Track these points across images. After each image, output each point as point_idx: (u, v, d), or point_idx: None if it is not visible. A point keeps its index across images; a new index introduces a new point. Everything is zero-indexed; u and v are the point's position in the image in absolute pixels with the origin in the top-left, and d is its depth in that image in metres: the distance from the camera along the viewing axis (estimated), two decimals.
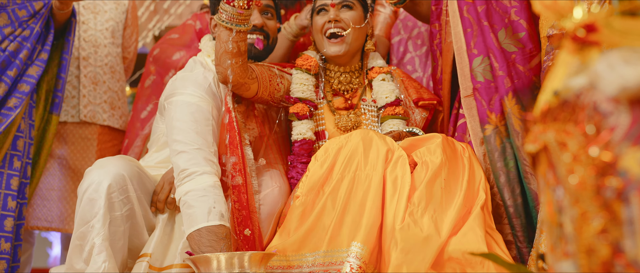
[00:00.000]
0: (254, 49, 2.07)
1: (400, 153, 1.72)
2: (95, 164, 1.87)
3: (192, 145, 1.83)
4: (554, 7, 0.80)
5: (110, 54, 2.86)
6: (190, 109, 1.90)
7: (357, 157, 1.70)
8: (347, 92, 2.15)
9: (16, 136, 2.27)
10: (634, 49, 0.72)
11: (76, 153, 2.76)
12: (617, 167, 0.69)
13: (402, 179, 1.66)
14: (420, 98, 2.13)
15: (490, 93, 1.85)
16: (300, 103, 2.06)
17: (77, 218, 1.81)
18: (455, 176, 1.70)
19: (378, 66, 2.18)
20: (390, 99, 2.09)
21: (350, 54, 2.12)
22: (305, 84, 2.09)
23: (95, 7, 2.86)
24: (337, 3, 2.08)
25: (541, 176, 0.80)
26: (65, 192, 2.72)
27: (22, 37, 2.24)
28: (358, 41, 2.10)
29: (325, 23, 2.07)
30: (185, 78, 1.99)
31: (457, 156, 1.76)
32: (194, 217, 1.73)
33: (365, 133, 1.76)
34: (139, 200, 1.88)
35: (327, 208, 1.67)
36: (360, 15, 2.10)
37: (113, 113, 2.84)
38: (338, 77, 2.14)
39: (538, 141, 0.79)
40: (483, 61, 1.87)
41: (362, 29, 2.10)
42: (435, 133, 1.85)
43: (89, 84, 2.77)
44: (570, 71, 0.77)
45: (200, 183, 1.77)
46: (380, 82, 2.14)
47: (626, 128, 0.69)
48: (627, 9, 0.80)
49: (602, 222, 0.70)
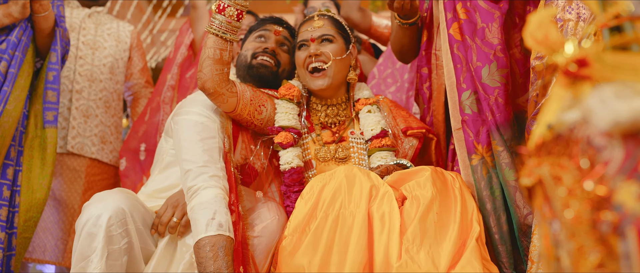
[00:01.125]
0: (261, 68, 2.14)
1: (386, 189, 1.70)
2: (94, 198, 1.87)
3: (198, 163, 1.87)
4: (546, 42, 0.81)
5: (106, 89, 2.88)
6: (197, 128, 1.94)
7: (341, 195, 1.68)
8: (334, 126, 2.14)
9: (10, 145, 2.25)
10: (626, 84, 0.73)
11: (63, 184, 2.75)
12: (612, 201, 0.69)
13: (390, 215, 1.64)
14: (408, 127, 2.13)
15: (477, 125, 1.90)
16: (284, 131, 2.05)
17: (76, 253, 1.80)
18: (448, 209, 1.69)
19: (364, 98, 2.17)
20: (376, 131, 2.08)
21: (335, 87, 2.12)
22: (290, 112, 2.08)
23: (95, 44, 2.89)
24: (317, 37, 2.09)
25: (537, 209, 0.80)
26: (51, 223, 2.71)
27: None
28: (341, 72, 2.11)
29: (307, 57, 2.08)
30: (194, 99, 2.05)
31: (448, 187, 1.75)
32: (196, 229, 1.76)
33: (349, 170, 1.74)
34: (138, 232, 1.87)
35: (312, 247, 1.65)
36: (341, 47, 2.10)
37: (103, 146, 2.85)
38: (325, 110, 2.15)
39: (533, 175, 0.79)
40: (471, 95, 1.93)
41: (344, 60, 2.10)
42: (423, 166, 1.83)
43: (80, 116, 2.78)
44: (563, 105, 0.78)
45: (204, 197, 1.80)
46: (366, 114, 2.13)
47: (620, 162, 0.69)
48: (618, 44, 0.81)
49: (598, 256, 0.70)
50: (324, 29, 2.10)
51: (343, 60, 2.09)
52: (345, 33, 2.16)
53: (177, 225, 1.93)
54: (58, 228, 2.69)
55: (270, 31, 2.24)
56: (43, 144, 2.38)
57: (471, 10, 1.98)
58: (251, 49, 2.21)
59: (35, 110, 2.40)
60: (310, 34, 2.10)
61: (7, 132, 2.22)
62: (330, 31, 2.10)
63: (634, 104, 0.70)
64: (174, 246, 1.95)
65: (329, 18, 2.16)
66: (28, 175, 2.32)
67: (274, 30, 2.23)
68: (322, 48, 2.07)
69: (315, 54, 2.06)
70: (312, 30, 2.10)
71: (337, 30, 2.13)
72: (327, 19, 2.15)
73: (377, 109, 2.15)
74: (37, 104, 2.40)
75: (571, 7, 1.74)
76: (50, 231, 2.69)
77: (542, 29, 0.80)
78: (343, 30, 2.16)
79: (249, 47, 2.22)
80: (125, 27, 3.06)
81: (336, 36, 2.11)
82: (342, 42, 2.12)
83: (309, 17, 2.19)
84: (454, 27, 1.98)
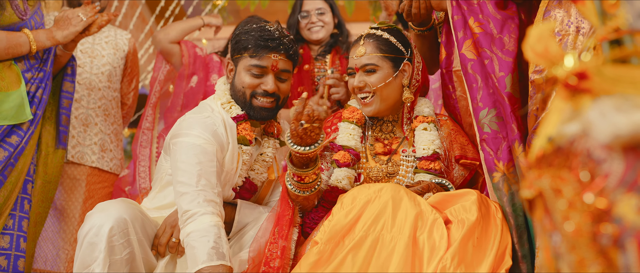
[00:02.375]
0: (263, 112, 2.06)
1: (436, 216, 1.67)
2: (97, 207, 1.87)
3: (195, 186, 1.84)
4: (546, 55, 0.82)
5: (105, 97, 2.89)
6: (195, 151, 1.91)
7: (384, 216, 1.65)
8: (387, 140, 2.11)
9: (26, 180, 2.30)
10: (626, 97, 0.73)
11: (64, 193, 2.76)
12: (612, 214, 0.69)
13: (440, 242, 1.61)
14: (463, 156, 2.06)
15: (497, 142, 1.89)
16: (343, 151, 2.04)
17: (77, 262, 1.80)
18: (487, 235, 1.67)
19: (423, 115, 2.12)
20: (427, 152, 2.04)
21: (386, 109, 2.08)
22: (351, 134, 2.08)
23: (93, 52, 2.90)
24: (360, 66, 2.05)
25: (537, 221, 0.81)
26: (52, 233, 2.71)
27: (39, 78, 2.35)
28: (391, 95, 2.06)
29: (354, 87, 2.07)
30: (193, 119, 2.01)
31: (490, 215, 1.73)
32: (195, 257, 1.74)
33: (396, 191, 1.70)
34: (140, 243, 1.87)
35: (346, 264, 1.61)
36: (387, 72, 2.04)
37: (103, 155, 2.85)
38: (380, 126, 2.13)
39: (534, 187, 0.79)
40: (489, 112, 1.92)
41: (391, 84, 2.04)
42: (469, 189, 1.80)
43: (79, 125, 2.79)
44: (563, 118, 0.78)
45: (202, 224, 1.78)
46: (421, 131, 2.08)
47: (620, 175, 0.69)
48: (618, 57, 0.81)
49: (599, 269, 0.70)
50: (367, 58, 2.04)
51: (390, 84, 2.04)
52: (393, 53, 2.06)
53: (177, 244, 1.93)
54: (59, 237, 2.70)
55: (268, 66, 2.03)
56: (53, 162, 2.47)
57: (485, 21, 1.95)
58: (248, 86, 2.05)
59: (48, 130, 2.46)
60: (355, 63, 2.06)
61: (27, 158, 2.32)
62: (373, 60, 2.03)
63: (633, 117, 0.70)
64: (174, 263, 1.96)
65: (375, 41, 2.07)
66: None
67: (271, 64, 2.03)
68: (366, 78, 2.03)
69: (358, 87, 2.05)
70: (357, 60, 2.05)
71: (382, 55, 2.04)
72: (372, 43, 2.06)
73: (435, 128, 2.10)
74: (47, 124, 2.47)
75: (570, 21, 1.75)
76: (51, 241, 2.69)
77: (542, 42, 0.80)
78: (390, 51, 2.06)
79: (245, 80, 2.05)
80: (122, 35, 3.07)
81: (380, 62, 2.03)
82: (388, 66, 2.04)
83: (356, 40, 2.14)
84: (466, 46, 1.96)
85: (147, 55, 6.24)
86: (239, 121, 2.06)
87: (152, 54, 6.73)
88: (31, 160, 2.34)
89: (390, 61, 2.06)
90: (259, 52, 2.03)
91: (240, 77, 2.06)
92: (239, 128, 2.05)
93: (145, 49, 6.14)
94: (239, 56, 2.08)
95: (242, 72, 2.06)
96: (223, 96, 2.10)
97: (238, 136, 2.05)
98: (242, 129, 2.06)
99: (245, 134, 2.06)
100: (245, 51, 2.06)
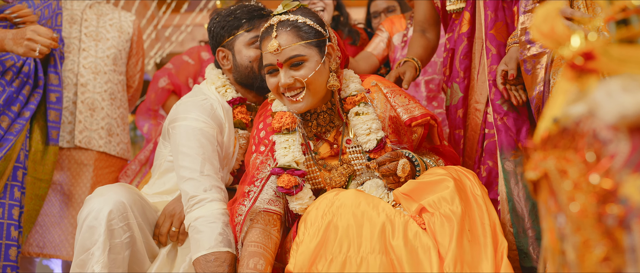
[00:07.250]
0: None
1: (405, 219, 1.60)
2: (95, 191, 1.87)
3: (200, 172, 1.85)
4: (552, 35, 0.81)
5: (111, 81, 2.87)
6: (196, 134, 1.90)
7: (348, 239, 1.56)
8: (328, 133, 1.91)
9: (16, 167, 2.28)
10: (633, 77, 0.72)
11: (71, 178, 2.76)
12: (618, 194, 0.69)
13: (422, 245, 1.55)
14: (412, 118, 1.90)
15: (518, 124, 2.03)
16: (285, 174, 1.79)
17: (77, 245, 1.81)
18: (475, 223, 1.60)
19: (351, 96, 1.88)
20: (371, 145, 1.82)
21: (319, 101, 1.86)
22: (288, 146, 1.83)
23: (98, 35, 2.88)
24: (284, 61, 1.77)
25: (542, 203, 0.80)
26: (60, 218, 2.71)
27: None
28: (321, 85, 1.81)
29: (278, 86, 1.81)
30: (189, 103, 2.00)
31: (468, 195, 1.64)
32: (202, 242, 1.74)
33: (356, 206, 1.60)
34: (140, 227, 1.88)
35: None
36: (316, 59, 1.79)
37: (110, 139, 2.85)
38: (315, 120, 1.90)
39: (538, 169, 0.79)
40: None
41: (321, 72, 1.80)
42: (441, 173, 1.69)
43: (86, 110, 2.78)
44: (569, 99, 0.77)
45: (210, 210, 1.79)
46: (355, 118, 1.86)
47: (626, 156, 0.69)
48: (625, 37, 0.80)
49: (604, 250, 0.70)
50: (290, 50, 1.76)
51: (320, 72, 1.80)
52: (315, 38, 1.81)
53: (177, 233, 1.94)
54: (67, 222, 2.70)
55: None
56: (44, 159, 2.47)
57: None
58: (255, 59, 2.06)
59: (40, 125, 2.45)
60: (275, 58, 1.77)
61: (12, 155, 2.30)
62: (297, 50, 1.77)
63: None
64: (175, 250, 1.97)
65: (291, 28, 1.79)
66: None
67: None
68: (293, 72, 1.78)
69: (288, 85, 1.78)
70: (276, 55, 1.77)
71: (305, 42, 1.78)
72: (289, 31, 1.78)
73: (368, 106, 1.88)
74: (40, 119, 2.46)
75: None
76: (59, 226, 2.70)
77: (548, 22, 0.79)
78: (313, 36, 1.81)
79: (250, 54, 2.05)
80: (126, 17, 3.04)
81: (305, 50, 1.77)
82: (314, 53, 1.80)
83: (266, 30, 1.83)
84: (497, 27, 2.06)
85: (149, 40, 6.21)
86: (234, 104, 2.06)
87: (154, 40, 6.71)
88: (21, 147, 2.31)
89: (315, 46, 1.80)
90: (255, 23, 2.06)
91: (243, 54, 2.07)
92: (235, 112, 2.06)
93: (148, 34, 6.11)
94: (232, 37, 2.07)
95: (244, 49, 2.07)
96: (217, 80, 2.10)
97: (234, 119, 2.05)
98: (238, 113, 2.06)
99: (241, 117, 2.06)
100: (239, 29, 2.07)
